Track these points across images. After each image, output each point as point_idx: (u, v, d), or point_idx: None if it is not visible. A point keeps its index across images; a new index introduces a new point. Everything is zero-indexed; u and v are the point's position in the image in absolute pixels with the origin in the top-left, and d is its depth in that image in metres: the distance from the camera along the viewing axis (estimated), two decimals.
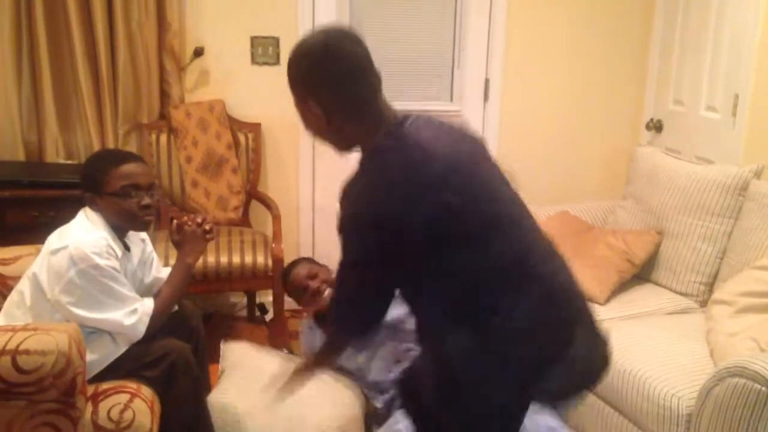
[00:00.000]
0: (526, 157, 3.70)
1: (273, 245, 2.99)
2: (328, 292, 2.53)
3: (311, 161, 3.50)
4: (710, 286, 2.67)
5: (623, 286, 2.73)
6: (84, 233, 1.95)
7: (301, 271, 2.65)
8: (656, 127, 3.59)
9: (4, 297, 2.10)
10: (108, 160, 2.07)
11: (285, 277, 2.72)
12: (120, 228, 2.05)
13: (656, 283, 2.81)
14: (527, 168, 3.70)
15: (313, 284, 2.59)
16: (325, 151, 2.03)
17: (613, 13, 3.64)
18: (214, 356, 2.59)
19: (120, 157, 2.08)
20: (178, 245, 2.20)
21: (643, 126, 3.70)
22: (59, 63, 3.07)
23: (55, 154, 3.11)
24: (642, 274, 2.82)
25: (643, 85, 3.72)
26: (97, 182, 2.00)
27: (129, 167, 2.01)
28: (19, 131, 3.07)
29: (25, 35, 3.03)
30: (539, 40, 3.61)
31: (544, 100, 3.68)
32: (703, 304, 2.62)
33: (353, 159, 1.55)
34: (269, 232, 3.20)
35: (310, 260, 2.78)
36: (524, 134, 3.69)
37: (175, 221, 2.21)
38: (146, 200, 2.02)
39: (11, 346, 1.66)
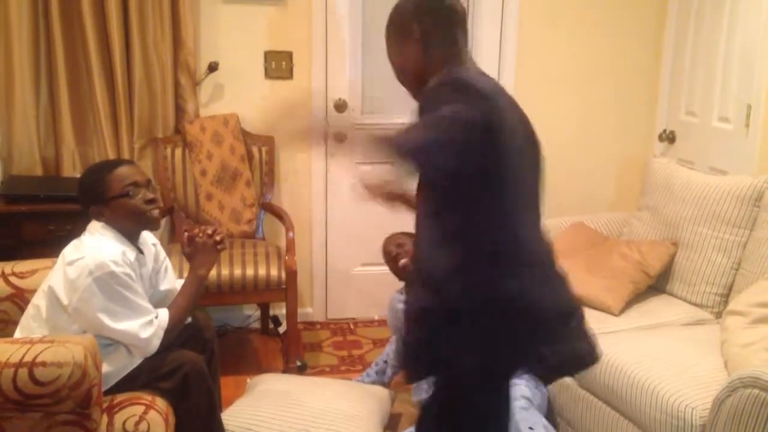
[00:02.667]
0: None
1: (286, 257, 3.01)
2: (404, 261, 2.58)
3: (324, 174, 3.52)
4: (726, 297, 2.65)
5: (638, 297, 2.72)
6: (99, 244, 1.99)
7: (392, 238, 2.71)
8: (669, 138, 3.58)
9: (22, 310, 2.13)
10: (101, 169, 2.12)
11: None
12: (131, 231, 2.08)
13: (671, 294, 2.80)
14: None
15: (393, 249, 2.65)
16: (337, 164, 2.04)
17: (624, 25, 3.64)
18: (227, 369, 2.62)
19: (111, 163, 2.16)
20: (190, 257, 2.22)
21: (655, 137, 3.69)
22: (76, 80, 3.13)
23: (71, 168, 3.16)
24: (657, 285, 2.80)
25: (655, 96, 3.72)
26: (99, 192, 2.04)
27: (123, 169, 2.07)
28: (36, 147, 3.12)
29: (43, 53, 3.08)
30: (550, 52, 3.62)
31: (555, 112, 3.68)
32: (719, 315, 2.60)
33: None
34: (282, 245, 3.22)
35: (408, 234, 2.69)
36: None
37: (186, 233, 2.24)
38: (149, 195, 2.07)
39: (28, 358, 1.68)
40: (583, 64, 3.66)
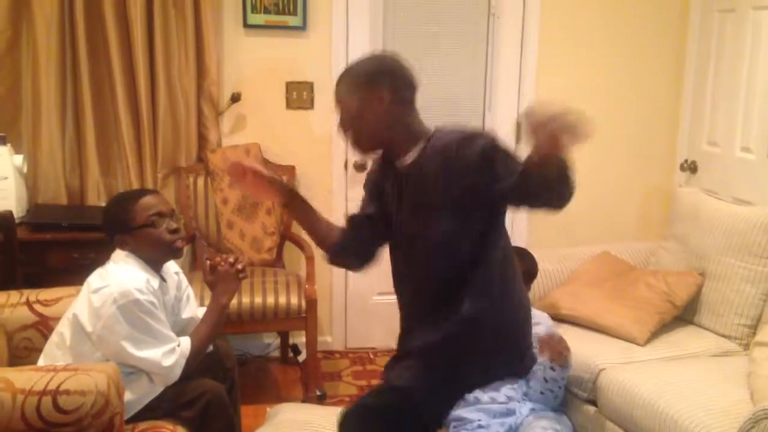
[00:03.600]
0: None
1: (306, 286, 3.01)
2: None
3: (344, 203, 3.53)
4: (754, 329, 2.60)
5: (665, 327, 2.68)
6: (124, 272, 2.00)
7: None
8: (690, 168, 3.56)
9: (45, 338, 2.15)
10: (126, 198, 2.14)
11: None
12: (155, 260, 2.10)
13: (699, 326, 2.75)
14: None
15: None
16: (359, 192, 2.06)
17: (644, 55, 3.65)
18: (247, 398, 2.61)
19: (136, 192, 2.18)
20: (211, 286, 2.23)
21: (677, 167, 3.67)
22: (102, 110, 3.18)
23: (96, 197, 3.20)
24: (684, 316, 2.76)
25: (677, 126, 3.70)
26: (124, 221, 2.06)
27: (148, 199, 2.09)
28: (62, 176, 3.16)
29: (69, 83, 3.14)
30: (570, 82, 3.62)
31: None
32: (747, 346, 2.55)
33: None
34: (303, 273, 3.23)
35: None
36: None
37: (208, 262, 2.25)
38: (173, 225, 2.09)
39: (52, 386, 1.68)
40: (602, 94, 3.66)
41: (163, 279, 2.12)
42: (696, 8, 3.54)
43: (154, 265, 2.10)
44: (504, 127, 3.62)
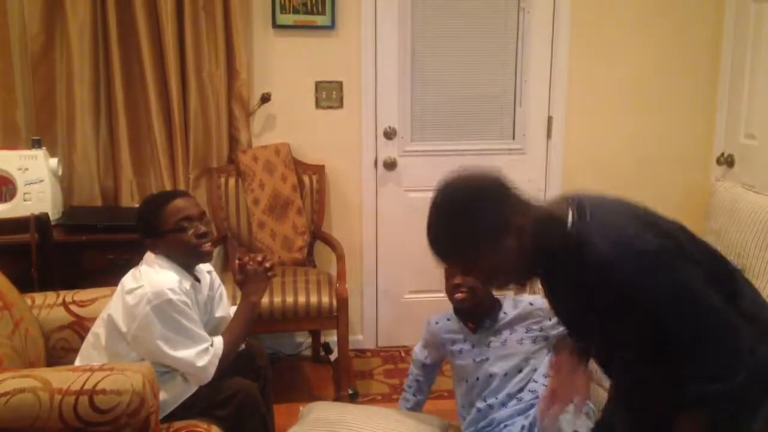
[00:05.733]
0: None
1: (337, 285, 3.01)
2: (460, 296, 2.38)
3: (374, 201, 3.53)
4: None
5: None
6: (157, 273, 2.02)
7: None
8: (727, 161, 3.49)
9: (81, 338, 2.18)
10: (156, 201, 2.14)
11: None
12: (185, 264, 2.11)
13: None
14: None
15: (457, 280, 2.40)
16: (387, 191, 2.04)
17: (679, 48, 3.57)
18: (279, 396, 2.62)
19: (166, 196, 2.17)
20: (241, 285, 2.24)
21: (713, 161, 3.60)
22: (134, 112, 3.22)
23: (130, 198, 3.24)
24: None
25: (713, 119, 3.63)
26: (153, 225, 2.07)
27: (177, 203, 2.09)
28: (96, 177, 3.21)
29: (103, 87, 3.19)
30: (603, 76, 3.57)
31: (608, 136, 3.63)
32: None
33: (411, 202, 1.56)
34: (333, 272, 3.23)
35: None
36: (588, 171, 3.63)
37: (237, 262, 2.26)
38: (201, 229, 2.09)
39: (89, 386, 1.71)
40: (635, 87, 3.60)
41: (196, 279, 2.14)
42: None
43: (186, 267, 2.11)
44: (535, 121, 3.58)
